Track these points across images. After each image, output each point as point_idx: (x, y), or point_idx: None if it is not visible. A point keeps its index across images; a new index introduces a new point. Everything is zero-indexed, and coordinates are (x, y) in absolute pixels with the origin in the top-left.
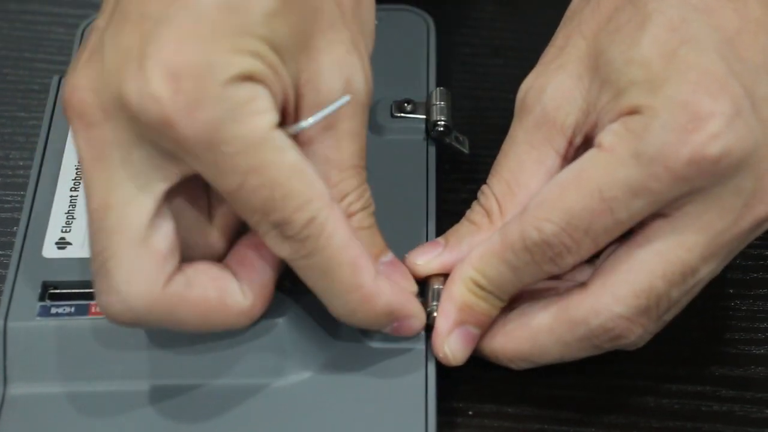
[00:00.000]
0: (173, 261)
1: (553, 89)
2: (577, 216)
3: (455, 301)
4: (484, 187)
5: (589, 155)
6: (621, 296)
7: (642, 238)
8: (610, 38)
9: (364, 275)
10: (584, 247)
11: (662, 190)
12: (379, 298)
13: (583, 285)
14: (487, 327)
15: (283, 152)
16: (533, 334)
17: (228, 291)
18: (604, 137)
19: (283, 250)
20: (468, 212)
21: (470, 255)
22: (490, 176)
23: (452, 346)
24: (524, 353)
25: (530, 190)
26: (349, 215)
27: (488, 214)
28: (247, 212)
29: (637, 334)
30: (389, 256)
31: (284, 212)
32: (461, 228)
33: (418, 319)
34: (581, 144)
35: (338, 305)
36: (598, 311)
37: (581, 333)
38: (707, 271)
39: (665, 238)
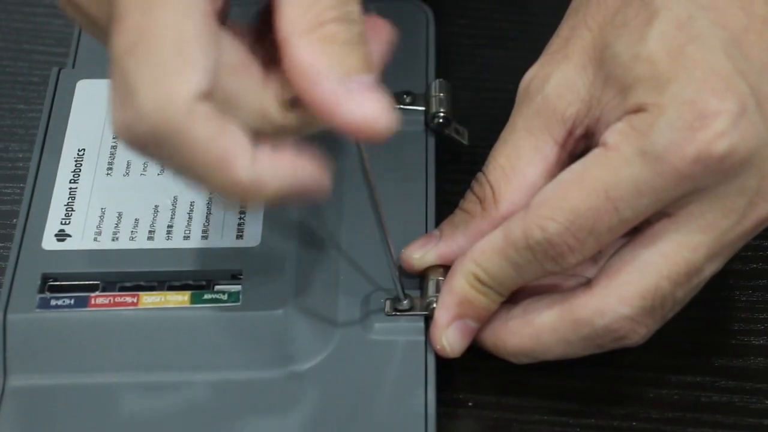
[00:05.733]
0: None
1: (556, 79)
2: (582, 215)
3: (455, 295)
4: (479, 174)
5: (594, 154)
6: (626, 297)
7: (646, 238)
8: (616, 32)
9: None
10: (587, 246)
11: (668, 188)
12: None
13: (587, 284)
14: (485, 321)
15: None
16: (536, 332)
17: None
18: (609, 136)
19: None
20: (461, 201)
21: (472, 249)
22: (486, 163)
23: (450, 339)
24: (526, 349)
25: (526, 176)
26: (319, 24)
27: (481, 201)
28: None
29: (640, 335)
30: (364, 79)
31: (132, 78)
32: (455, 218)
33: (319, 187)
34: (582, 136)
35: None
36: (603, 312)
37: (585, 333)
38: (711, 270)
39: (670, 238)
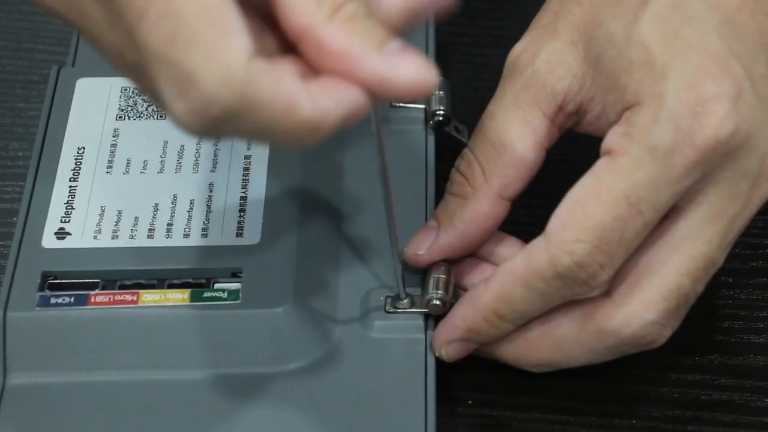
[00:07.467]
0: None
1: (546, 54)
2: (609, 228)
3: (466, 324)
4: (465, 152)
5: (602, 165)
6: (650, 302)
7: (659, 238)
8: (611, 12)
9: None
10: (617, 259)
11: (681, 178)
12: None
13: (606, 292)
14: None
15: None
16: (558, 344)
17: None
18: (612, 141)
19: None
20: (449, 185)
21: (492, 282)
22: (472, 138)
23: (449, 352)
24: (549, 361)
25: (516, 151)
26: (337, 8)
27: (470, 181)
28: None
29: (666, 337)
30: (395, 44)
31: (186, 65)
32: (448, 204)
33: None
34: (573, 112)
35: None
36: (629, 321)
37: (611, 343)
38: (723, 259)
39: (683, 234)
